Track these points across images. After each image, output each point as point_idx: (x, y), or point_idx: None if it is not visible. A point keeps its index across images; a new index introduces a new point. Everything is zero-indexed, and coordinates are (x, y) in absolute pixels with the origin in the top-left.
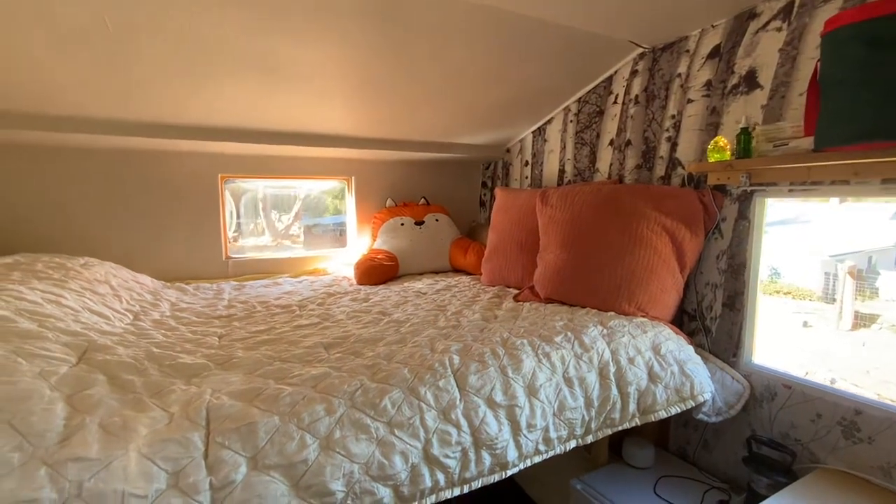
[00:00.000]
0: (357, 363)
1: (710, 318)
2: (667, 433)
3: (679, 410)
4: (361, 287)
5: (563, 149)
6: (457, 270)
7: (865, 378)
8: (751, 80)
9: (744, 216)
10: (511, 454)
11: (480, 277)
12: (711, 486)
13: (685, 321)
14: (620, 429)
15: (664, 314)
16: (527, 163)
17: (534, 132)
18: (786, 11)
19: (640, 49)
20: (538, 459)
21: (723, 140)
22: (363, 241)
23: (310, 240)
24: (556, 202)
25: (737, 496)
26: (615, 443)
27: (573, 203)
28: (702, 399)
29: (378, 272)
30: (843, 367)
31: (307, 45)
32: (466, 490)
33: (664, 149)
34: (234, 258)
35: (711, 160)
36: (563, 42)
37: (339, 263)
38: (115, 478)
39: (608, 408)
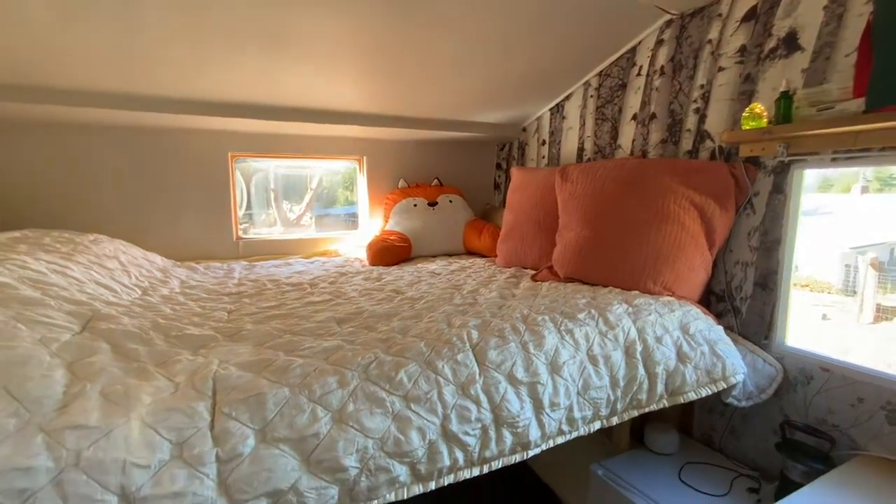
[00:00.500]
0: (371, 336)
1: (740, 299)
2: (691, 419)
3: (709, 392)
4: (374, 268)
5: (583, 125)
6: (471, 253)
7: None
8: (791, 43)
9: (779, 189)
10: (533, 433)
11: (496, 259)
12: (740, 474)
13: (712, 302)
14: (647, 410)
15: (691, 294)
16: (543, 142)
17: (551, 109)
18: None
19: (668, 16)
20: (561, 440)
21: (759, 107)
22: (375, 223)
23: (321, 229)
24: (577, 177)
25: (767, 484)
26: (636, 428)
27: (595, 178)
28: (734, 381)
29: (391, 253)
30: (865, 361)
31: (316, 17)
32: (486, 470)
33: (692, 121)
34: (245, 239)
35: (746, 128)
36: (584, 11)
37: (351, 245)
38: (116, 447)
39: (634, 388)
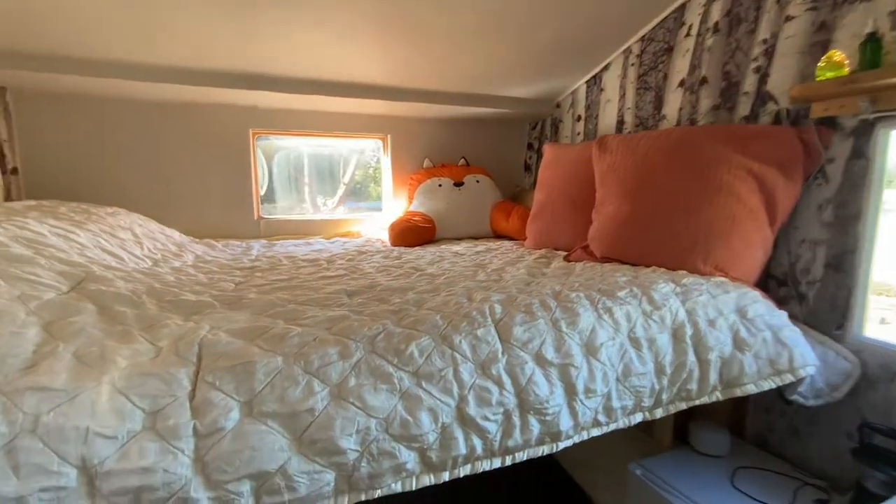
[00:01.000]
0: (382, 308)
1: (807, 283)
2: (743, 418)
3: (772, 386)
4: (395, 248)
5: (623, 97)
6: (499, 236)
7: None
8: None
9: (860, 154)
10: (564, 422)
11: (525, 242)
12: (804, 483)
13: (772, 287)
14: (697, 403)
15: (747, 276)
16: (579, 117)
17: (588, 81)
18: None
19: None
20: (597, 432)
21: (838, 54)
22: (399, 205)
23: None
24: (617, 147)
25: (838, 495)
26: (679, 425)
27: (637, 148)
28: (803, 374)
29: (413, 234)
30: None
31: None
32: (509, 462)
33: (750, 82)
34: (266, 218)
35: (822, 79)
36: None
37: (374, 227)
38: (80, 413)
39: (683, 376)
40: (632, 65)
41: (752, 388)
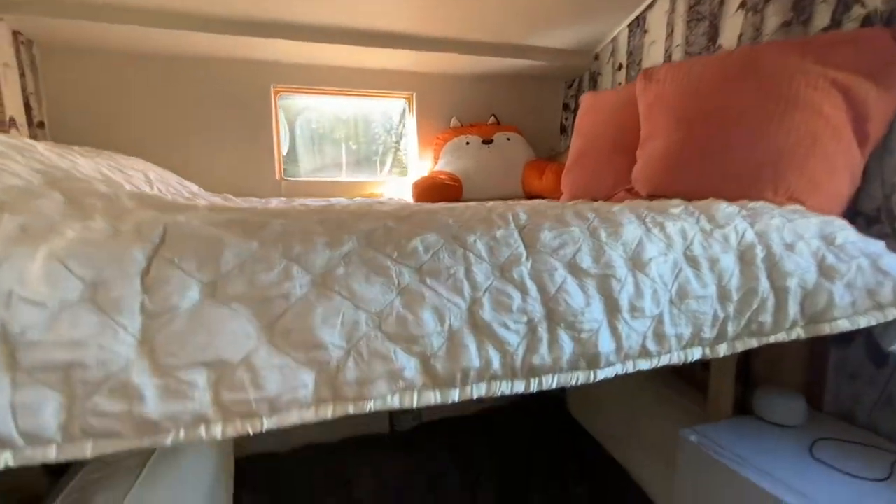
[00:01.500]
0: (384, 212)
1: None
2: (820, 386)
3: (872, 322)
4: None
5: (671, 34)
6: (531, 196)
7: None
8: None
9: None
10: (604, 343)
11: (560, 199)
12: None
13: (860, 226)
14: (773, 340)
15: (829, 207)
16: (620, 66)
17: (630, 25)
18: None
19: None
20: (645, 365)
21: None
22: (424, 166)
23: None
24: (665, 76)
25: None
26: (739, 401)
27: (689, 73)
28: None
29: (438, 191)
30: None
31: None
32: (534, 386)
33: None
34: (288, 180)
35: None
36: None
37: (398, 189)
38: (6, 276)
39: (754, 305)
40: None
41: (846, 325)
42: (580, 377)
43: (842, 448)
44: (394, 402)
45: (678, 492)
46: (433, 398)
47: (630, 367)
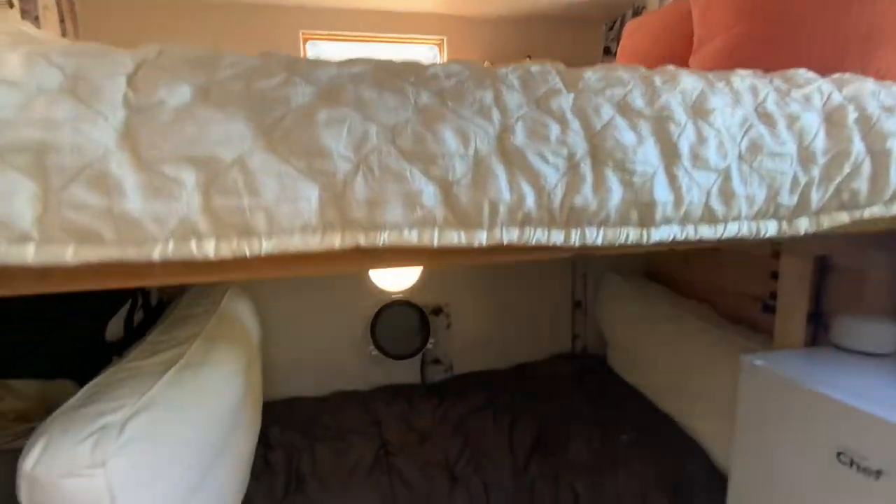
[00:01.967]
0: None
1: None
2: None
3: None
4: None
5: None
6: None
7: None
8: None
9: None
10: (661, 192)
11: None
12: None
13: None
14: (867, 215)
15: None
16: None
17: None
18: None
19: None
20: (708, 232)
21: None
22: None
23: None
24: None
25: None
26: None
27: None
28: None
29: None
30: None
31: None
32: (576, 241)
33: None
34: None
35: None
36: None
37: None
38: None
39: (846, 170)
40: None
41: None
42: (631, 235)
43: None
44: (411, 237)
45: (742, 424)
46: (456, 238)
47: (691, 232)
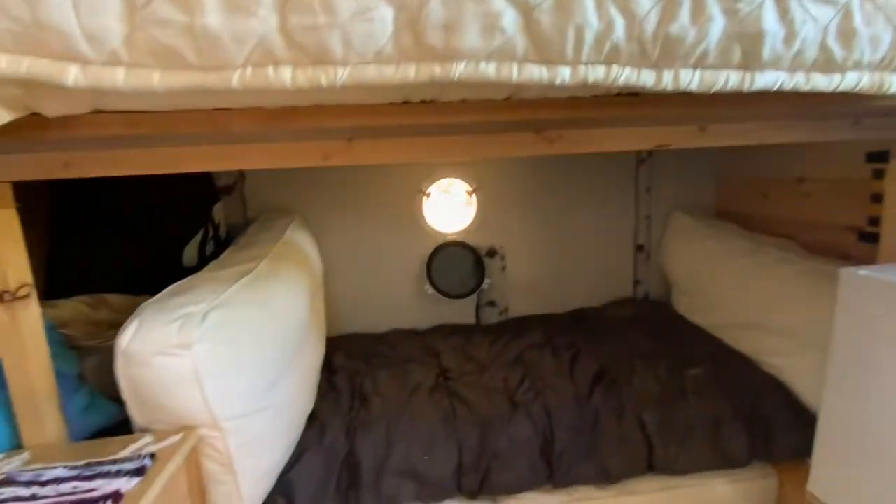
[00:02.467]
0: None
1: None
2: None
3: None
4: None
5: None
6: None
7: None
8: None
9: None
10: (769, 20)
11: None
12: None
13: None
14: None
15: None
16: None
17: None
18: None
19: None
20: (823, 82)
21: None
22: None
23: None
24: None
25: None
26: None
27: None
28: None
29: None
30: None
31: None
32: (668, 81)
33: None
34: None
35: None
36: None
37: None
38: None
39: None
40: None
41: None
42: (732, 79)
43: None
44: (489, 71)
45: (838, 351)
46: (538, 74)
47: (801, 81)
